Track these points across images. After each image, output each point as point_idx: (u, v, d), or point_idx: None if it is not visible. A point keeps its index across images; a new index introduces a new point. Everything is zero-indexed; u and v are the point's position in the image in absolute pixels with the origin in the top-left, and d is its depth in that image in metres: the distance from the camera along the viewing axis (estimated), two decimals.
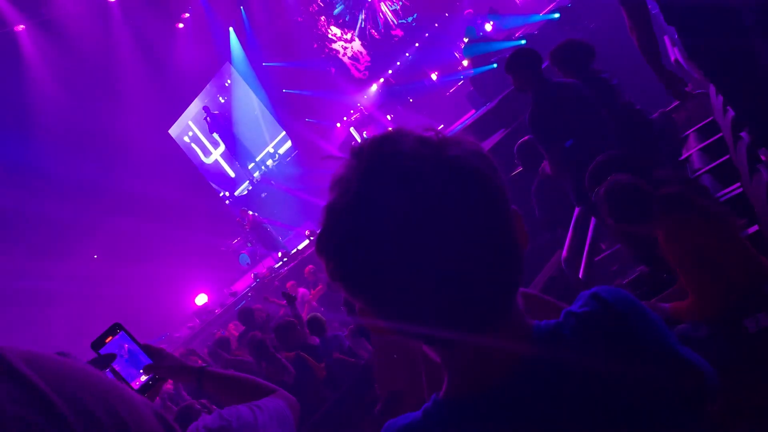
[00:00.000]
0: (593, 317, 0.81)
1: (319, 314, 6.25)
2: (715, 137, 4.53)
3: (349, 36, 16.19)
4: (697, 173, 4.14)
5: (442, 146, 0.75)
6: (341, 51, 16.33)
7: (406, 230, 0.70)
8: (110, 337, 1.53)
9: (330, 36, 16.20)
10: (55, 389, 0.55)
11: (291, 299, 6.15)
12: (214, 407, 4.94)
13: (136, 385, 1.51)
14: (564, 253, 3.95)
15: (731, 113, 3.72)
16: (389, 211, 0.71)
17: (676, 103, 5.42)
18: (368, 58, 16.20)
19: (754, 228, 2.98)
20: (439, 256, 0.71)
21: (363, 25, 16.04)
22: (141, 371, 1.52)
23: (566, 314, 0.83)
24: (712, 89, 4.77)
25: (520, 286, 0.82)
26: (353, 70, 16.35)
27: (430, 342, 0.81)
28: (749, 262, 2.61)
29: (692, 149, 4.77)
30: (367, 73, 16.22)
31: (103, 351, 1.51)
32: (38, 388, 0.54)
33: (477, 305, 0.75)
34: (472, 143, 0.78)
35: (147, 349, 1.54)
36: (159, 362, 1.54)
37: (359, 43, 16.22)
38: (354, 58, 16.34)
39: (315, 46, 16.23)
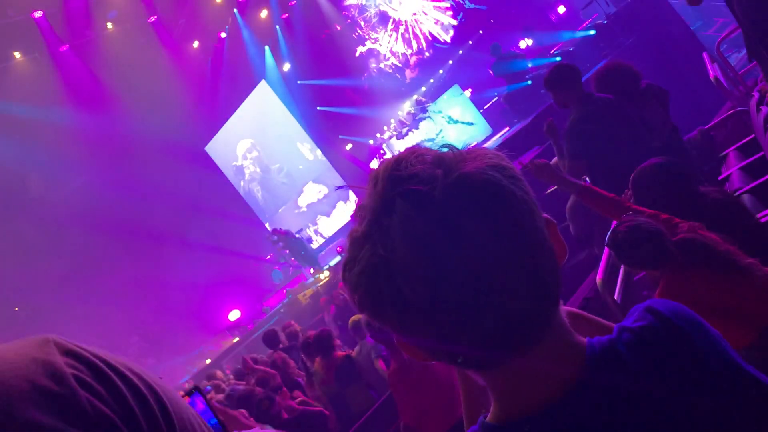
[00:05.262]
0: (650, 332, 0.76)
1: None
2: (757, 156, 4.42)
3: (391, 36, 15.70)
4: (738, 192, 4.03)
5: (457, 163, 0.72)
6: (384, 48, 15.80)
7: (424, 257, 0.68)
8: (186, 398, 1.50)
9: (372, 36, 15.79)
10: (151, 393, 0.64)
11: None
12: None
13: None
14: (599, 274, 3.86)
15: None
16: (405, 239, 0.69)
17: (715, 120, 5.31)
18: (416, 54, 15.76)
19: None
20: (463, 280, 0.67)
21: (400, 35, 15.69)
22: None
23: (620, 329, 0.78)
24: (752, 106, 4.66)
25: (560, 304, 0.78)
26: (404, 61, 15.76)
27: (468, 366, 0.78)
28: None
29: (732, 168, 4.66)
30: (417, 69, 15.86)
31: None
32: (140, 389, 0.63)
33: (511, 325, 0.70)
34: (491, 155, 0.75)
35: (223, 415, 1.51)
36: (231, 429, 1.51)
37: (403, 44, 15.86)
38: (397, 56, 15.89)
39: (354, 48, 15.74)
